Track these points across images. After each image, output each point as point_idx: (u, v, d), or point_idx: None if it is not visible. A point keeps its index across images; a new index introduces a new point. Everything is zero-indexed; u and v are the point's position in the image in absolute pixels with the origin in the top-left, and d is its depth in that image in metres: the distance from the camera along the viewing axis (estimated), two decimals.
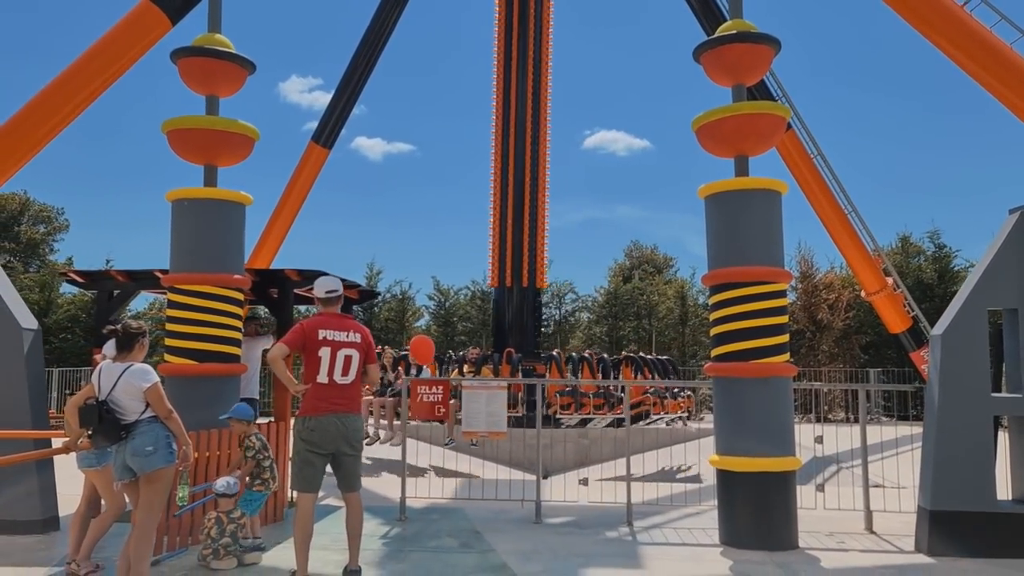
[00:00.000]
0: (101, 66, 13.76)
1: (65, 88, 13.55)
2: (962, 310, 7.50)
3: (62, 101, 13.49)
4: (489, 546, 7.69)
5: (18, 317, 8.43)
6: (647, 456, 13.94)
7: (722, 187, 8.09)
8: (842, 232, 22.20)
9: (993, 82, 11.41)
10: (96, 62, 13.77)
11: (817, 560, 7.22)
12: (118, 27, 14.05)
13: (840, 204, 22.21)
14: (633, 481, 9.20)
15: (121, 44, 13.90)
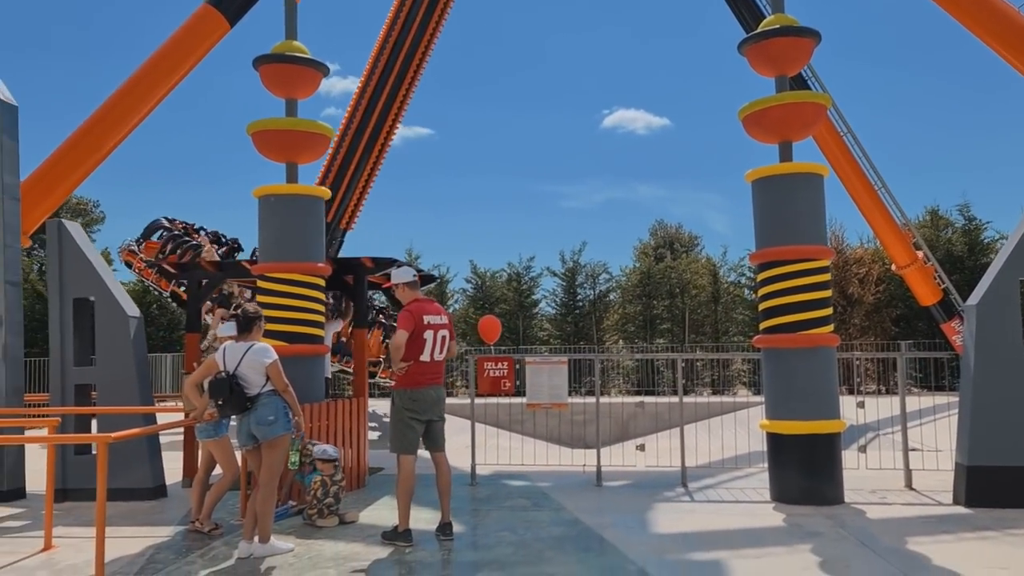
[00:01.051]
0: (165, 72, 14.53)
1: (132, 95, 14.31)
2: (995, 281, 8.10)
3: (130, 108, 14.28)
4: (559, 505, 8.45)
5: (124, 306, 9.27)
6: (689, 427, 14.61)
7: (769, 172, 8.71)
8: (872, 207, 22.61)
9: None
10: (160, 68, 14.53)
11: (863, 512, 7.90)
12: (179, 33, 14.80)
13: (870, 180, 22.60)
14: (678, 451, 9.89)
15: (183, 49, 14.67)
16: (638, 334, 28.90)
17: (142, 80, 14.43)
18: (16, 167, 9.62)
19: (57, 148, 13.94)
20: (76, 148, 13.93)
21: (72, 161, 14.01)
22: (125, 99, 14.25)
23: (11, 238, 9.41)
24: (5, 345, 9.15)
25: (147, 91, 14.32)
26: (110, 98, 14.27)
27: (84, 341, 9.43)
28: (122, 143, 14.61)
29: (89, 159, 14.11)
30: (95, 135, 14.07)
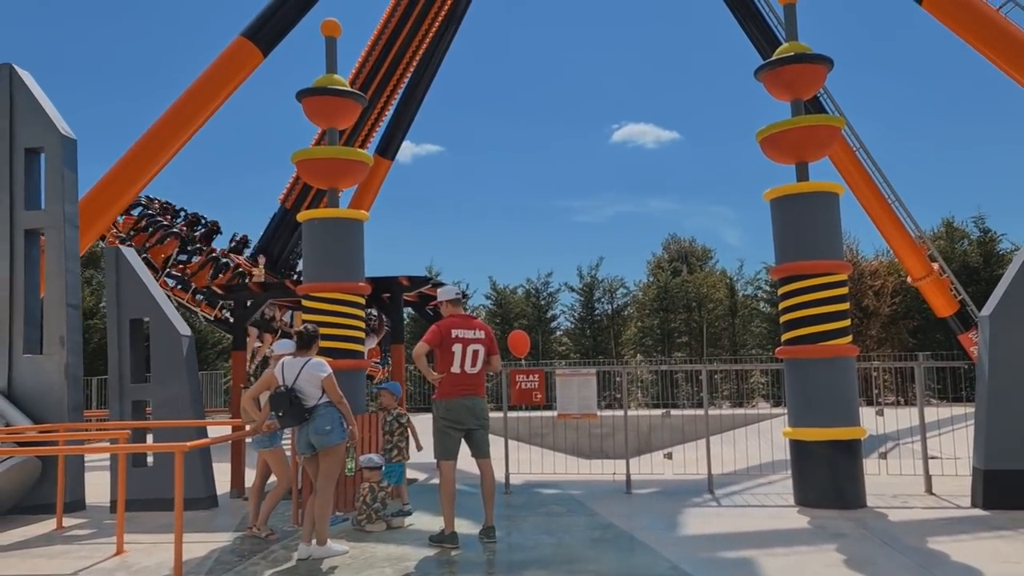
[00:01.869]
0: (203, 102, 15.24)
1: (172, 125, 15.02)
2: (1008, 292, 8.52)
3: (170, 138, 14.98)
4: (592, 511, 8.87)
5: (177, 326, 9.82)
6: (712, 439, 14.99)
7: (787, 191, 9.17)
8: (886, 221, 23.01)
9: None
10: (198, 99, 15.23)
11: (885, 515, 8.28)
12: (215, 65, 15.51)
13: (883, 194, 23.02)
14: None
15: (219, 80, 15.38)
16: (656, 348, 29.30)
17: (181, 110, 15.13)
18: (76, 197, 10.23)
19: (102, 177, 14.64)
20: (120, 177, 14.62)
21: (117, 189, 14.69)
22: (165, 129, 14.95)
23: (72, 263, 9.99)
24: (67, 365, 9.71)
25: (186, 121, 15.03)
26: (151, 128, 14.96)
27: (139, 359, 9.96)
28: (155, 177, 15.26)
29: (133, 187, 14.79)
30: (138, 164, 14.77)
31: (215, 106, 15.40)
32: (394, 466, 8.59)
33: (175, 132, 15.03)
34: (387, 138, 23.86)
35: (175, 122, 15.09)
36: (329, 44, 10.23)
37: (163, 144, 15.05)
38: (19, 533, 8.42)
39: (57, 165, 10.08)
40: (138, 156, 14.72)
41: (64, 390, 9.67)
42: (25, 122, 10.21)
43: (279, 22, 15.96)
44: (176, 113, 15.12)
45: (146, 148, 14.77)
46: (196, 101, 15.20)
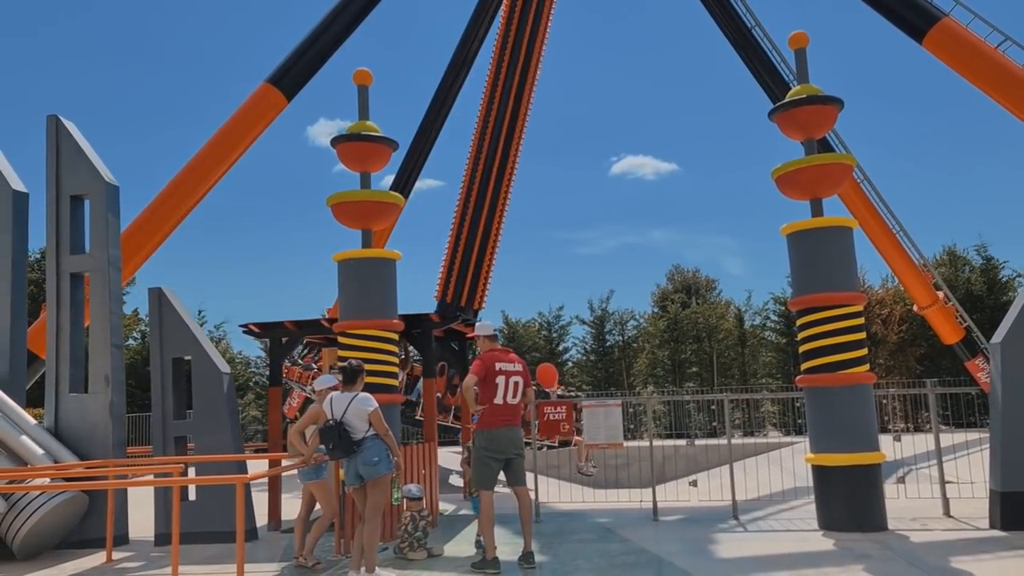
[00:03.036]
0: (229, 148, 15.73)
1: (197, 173, 15.48)
2: (1017, 319, 8.89)
3: (196, 184, 15.45)
4: (623, 537, 9.17)
5: (217, 363, 10.20)
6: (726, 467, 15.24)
7: (803, 226, 9.59)
8: (891, 250, 23.44)
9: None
10: (224, 145, 15.73)
11: (907, 537, 8.58)
12: (241, 111, 16.04)
13: (888, 224, 23.46)
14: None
15: (245, 126, 15.90)
16: (667, 378, 29.60)
17: (207, 157, 15.64)
18: (118, 242, 10.66)
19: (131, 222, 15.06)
20: (146, 225, 15.04)
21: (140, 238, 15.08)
22: (193, 174, 15.44)
23: (116, 305, 10.40)
24: (112, 403, 10.07)
25: (214, 165, 15.52)
26: (179, 174, 15.47)
27: (181, 396, 10.33)
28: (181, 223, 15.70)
29: (156, 235, 15.20)
30: (163, 212, 15.22)
31: (240, 151, 15.91)
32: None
33: (201, 178, 15.49)
34: (401, 177, 24.38)
35: (201, 168, 15.55)
36: (361, 92, 10.74)
37: (189, 191, 15.49)
38: (71, 566, 8.73)
39: (101, 211, 10.53)
40: (165, 203, 15.17)
41: (109, 427, 10.02)
42: (70, 170, 10.69)
43: (303, 68, 16.53)
44: (202, 160, 15.59)
45: (172, 195, 15.21)
46: (222, 147, 15.70)
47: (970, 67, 13.89)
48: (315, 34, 16.95)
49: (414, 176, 24.83)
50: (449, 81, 23.72)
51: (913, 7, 14.69)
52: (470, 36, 23.58)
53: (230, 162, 15.50)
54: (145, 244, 14.82)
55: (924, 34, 14.56)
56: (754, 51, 21.57)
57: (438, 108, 23.83)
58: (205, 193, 15.31)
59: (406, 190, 24.61)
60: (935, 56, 14.34)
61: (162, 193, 15.18)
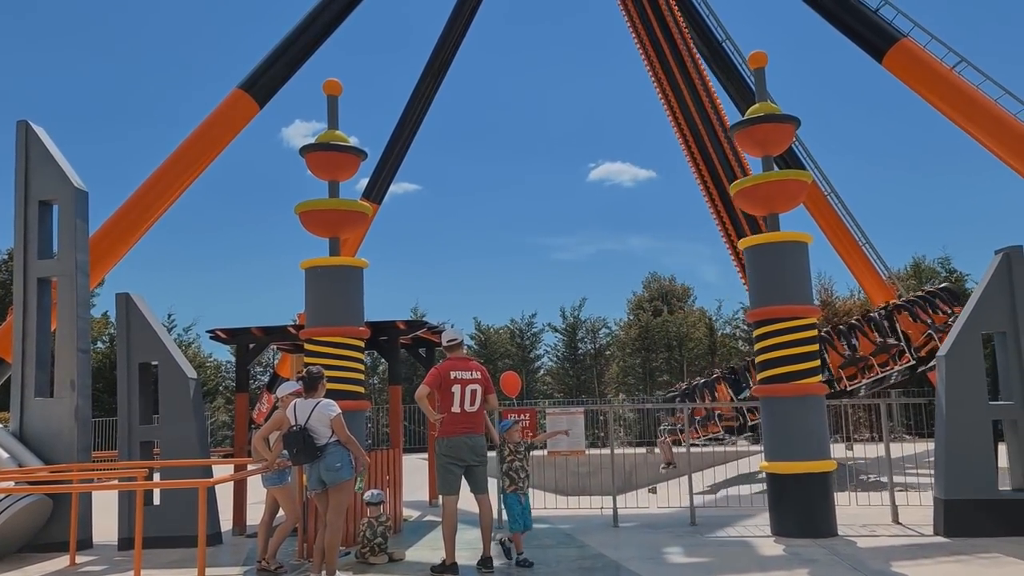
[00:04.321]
0: (200, 154, 15.84)
1: (167, 178, 15.58)
2: (960, 334, 9.23)
3: (166, 190, 15.54)
4: (582, 543, 9.38)
5: (184, 369, 10.29)
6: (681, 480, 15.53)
7: (760, 240, 9.89)
8: (857, 262, 23.99)
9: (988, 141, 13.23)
10: (194, 151, 15.84)
11: (854, 543, 8.87)
12: (213, 116, 16.16)
13: (854, 236, 23.99)
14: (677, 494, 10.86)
15: (216, 132, 16.02)
16: (638, 386, 29.91)
17: (179, 161, 15.74)
18: (86, 247, 10.73)
19: (101, 226, 15.11)
20: (116, 229, 15.08)
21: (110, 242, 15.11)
22: (163, 179, 15.54)
23: (83, 310, 10.47)
24: (77, 407, 10.13)
25: (185, 170, 15.63)
26: (149, 178, 15.53)
27: (147, 402, 10.41)
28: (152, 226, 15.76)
29: (128, 240, 15.25)
30: (136, 213, 15.29)
31: (212, 157, 16.00)
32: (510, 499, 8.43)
33: (171, 184, 15.57)
34: (374, 182, 24.53)
35: (171, 173, 15.64)
36: (331, 102, 10.88)
37: (159, 197, 15.56)
38: (35, 569, 8.79)
39: (70, 216, 10.60)
40: (134, 208, 15.22)
41: (74, 432, 10.08)
42: (39, 175, 10.75)
43: (276, 75, 16.67)
44: (172, 165, 15.68)
45: (142, 200, 15.27)
46: (193, 152, 15.80)
47: (926, 86, 14.33)
48: (288, 41, 17.10)
49: (388, 180, 25.00)
50: (424, 86, 23.93)
51: (873, 28, 15.13)
52: (445, 42, 23.81)
53: (201, 168, 15.59)
54: (114, 248, 14.86)
55: (884, 54, 15.00)
56: (724, 65, 22.02)
57: (413, 112, 24.04)
58: (175, 198, 15.39)
59: (380, 194, 24.79)
60: (894, 75, 14.77)
61: (132, 198, 15.23)
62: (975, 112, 13.77)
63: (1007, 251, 9.47)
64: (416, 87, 24.06)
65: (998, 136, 13.51)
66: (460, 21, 23.43)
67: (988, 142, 13.73)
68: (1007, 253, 9.42)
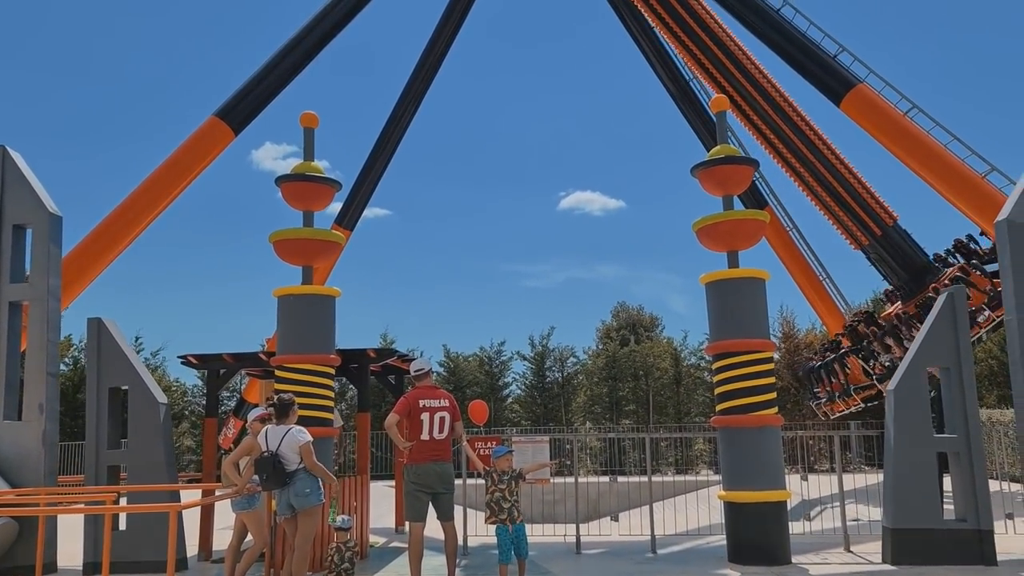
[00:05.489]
0: (174, 179, 15.98)
1: (140, 203, 15.69)
2: (908, 369, 9.67)
3: (140, 214, 15.64)
4: (546, 569, 9.61)
5: (155, 394, 10.39)
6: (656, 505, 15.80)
7: (719, 276, 10.28)
8: (816, 297, 24.65)
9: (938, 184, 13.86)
10: (168, 177, 15.97)
11: (806, 570, 9.20)
12: (188, 144, 16.32)
13: (814, 271, 24.67)
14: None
15: (191, 158, 16.18)
16: (605, 415, 30.20)
17: (153, 187, 15.86)
18: (59, 271, 10.83)
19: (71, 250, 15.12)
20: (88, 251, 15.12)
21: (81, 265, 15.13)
22: (136, 204, 15.65)
23: (53, 334, 10.54)
24: (45, 431, 10.17)
25: (158, 197, 15.76)
26: (122, 203, 15.63)
27: (116, 425, 10.48)
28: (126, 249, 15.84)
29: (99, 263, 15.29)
30: (107, 238, 15.35)
31: (185, 184, 16.14)
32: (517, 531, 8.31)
33: (144, 209, 15.65)
34: (347, 208, 24.68)
35: (144, 199, 15.73)
36: (307, 134, 11.15)
37: (131, 222, 15.62)
38: None
39: (44, 241, 10.70)
40: (106, 233, 15.27)
41: (42, 456, 10.11)
42: (14, 199, 10.85)
43: (252, 103, 16.91)
44: (146, 191, 15.78)
45: (114, 225, 15.32)
46: (167, 179, 15.92)
47: (881, 129, 14.97)
48: (265, 70, 17.36)
49: (361, 207, 25.16)
50: (400, 112, 24.16)
51: (831, 73, 15.79)
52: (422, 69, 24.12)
53: (174, 194, 15.73)
54: (84, 273, 14.89)
55: (841, 97, 15.63)
56: (690, 102, 22.68)
57: (388, 139, 24.24)
58: (147, 224, 15.50)
59: (352, 220, 24.94)
60: (850, 118, 15.40)
61: (104, 223, 15.30)
62: (925, 156, 14.41)
63: (952, 291, 9.97)
64: (391, 114, 24.31)
65: (946, 179, 14.14)
66: (437, 49, 23.78)
67: (937, 185, 14.36)
68: (951, 293, 9.91)
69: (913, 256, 19.56)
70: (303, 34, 17.65)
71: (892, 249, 19.63)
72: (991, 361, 29.09)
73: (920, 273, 19.38)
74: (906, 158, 14.63)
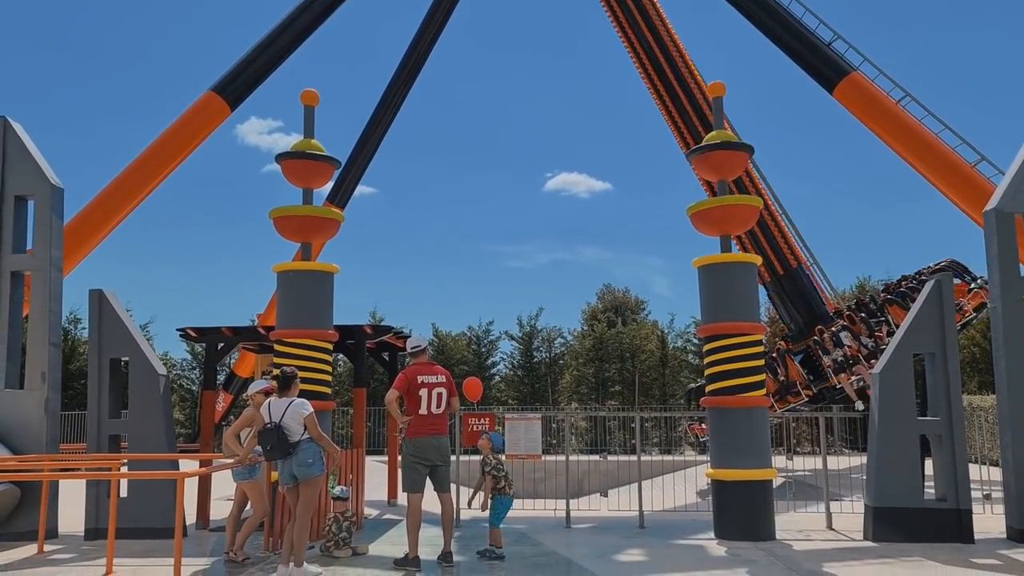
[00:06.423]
0: (170, 153, 15.98)
1: (136, 178, 15.69)
2: (894, 354, 9.95)
3: (137, 187, 15.65)
4: (537, 542, 9.88)
5: (155, 365, 10.54)
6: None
7: (711, 260, 10.51)
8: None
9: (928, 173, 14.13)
10: (166, 150, 15.97)
11: (790, 546, 9.51)
12: (184, 117, 16.32)
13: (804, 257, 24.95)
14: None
15: (187, 133, 16.18)
16: (591, 396, 30.55)
17: (149, 161, 15.86)
18: (60, 242, 10.92)
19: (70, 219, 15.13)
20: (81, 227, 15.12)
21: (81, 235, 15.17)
22: (132, 178, 15.66)
23: (55, 305, 10.66)
24: (47, 400, 10.32)
25: (154, 170, 15.78)
26: (118, 177, 15.64)
27: (116, 397, 10.63)
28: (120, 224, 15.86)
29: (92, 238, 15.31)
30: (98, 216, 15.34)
31: (181, 158, 16.16)
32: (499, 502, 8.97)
33: (140, 184, 15.65)
34: (338, 187, 24.71)
35: (140, 173, 15.73)
36: (307, 112, 11.25)
37: (127, 196, 15.62)
38: (3, 557, 8.98)
39: (45, 212, 10.79)
40: (101, 207, 15.28)
41: (44, 424, 10.26)
42: (16, 171, 10.91)
43: (248, 78, 16.91)
44: (142, 165, 15.77)
45: (110, 199, 15.33)
46: (163, 153, 15.93)
47: (873, 118, 15.18)
48: (262, 45, 17.36)
49: (352, 186, 25.21)
50: (393, 93, 24.16)
51: (825, 60, 15.97)
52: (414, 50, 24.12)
53: (170, 168, 15.75)
54: (81, 246, 14.93)
55: (835, 85, 15.82)
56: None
57: (380, 119, 24.26)
58: (143, 198, 15.53)
59: (344, 199, 24.99)
60: (843, 106, 15.61)
61: (99, 196, 15.32)
62: (916, 145, 14.63)
63: (939, 278, 10.25)
64: (384, 94, 24.30)
65: (936, 168, 14.38)
66: (430, 31, 23.78)
67: (927, 173, 14.60)
68: (939, 280, 10.18)
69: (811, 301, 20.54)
70: (301, 9, 17.63)
71: (791, 290, 20.76)
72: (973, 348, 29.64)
73: (815, 320, 20.24)
74: (897, 146, 14.86)
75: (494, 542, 8.86)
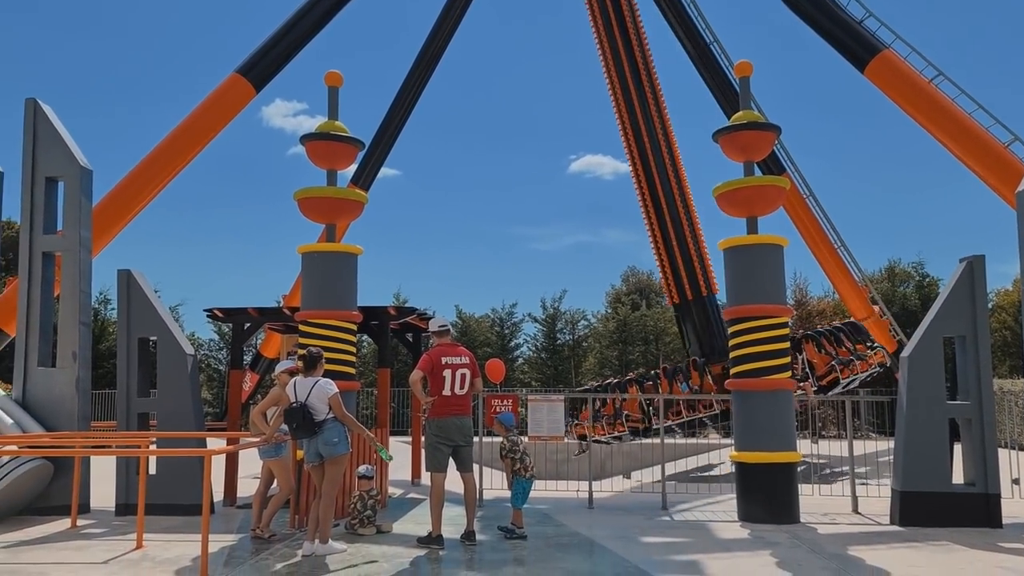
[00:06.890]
0: (196, 136, 16.02)
1: (165, 157, 15.75)
2: (923, 337, 9.82)
3: (163, 169, 15.73)
4: (559, 523, 9.91)
5: (183, 345, 10.67)
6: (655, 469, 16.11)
7: (738, 242, 10.41)
8: (832, 264, 24.59)
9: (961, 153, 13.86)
10: (190, 133, 16.01)
11: (815, 529, 9.46)
12: (209, 100, 16.34)
13: (830, 239, 24.62)
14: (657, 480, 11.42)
15: (214, 114, 16.21)
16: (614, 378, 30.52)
17: (175, 143, 15.90)
18: (90, 223, 11.07)
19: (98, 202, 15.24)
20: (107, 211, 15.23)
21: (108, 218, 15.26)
22: (158, 160, 15.71)
23: (85, 284, 10.82)
24: (78, 378, 10.49)
25: (180, 153, 15.81)
26: (144, 160, 15.70)
27: (145, 375, 10.79)
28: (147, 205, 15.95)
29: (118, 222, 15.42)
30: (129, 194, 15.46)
31: (206, 140, 16.21)
32: (520, 484, 9.01)
33: (166, 166, 15.69)
34: (362, 169, 24.75)
35: (166, 155, 15.76)
36: (332, 93, 11.26)
37: (153, 178, 15.67)
38: (37, 531, 9.18)
39: (75, 194, 10.92)
40: (128, 189, 15.36)
41: (75, 401, 10.45)
42: (46, 153, 11.05)
43: (273, 60, 16.92)
44: (168, 147, 15.80)
45: (136, 181, 15.39)
46: (189, 135, 15.96)
47: (905, 97, 14.89)
48: (287, 27, 17.32)
49: (376, 168, 25.24)
50: (416, 76, 24.12)
51: (856, 38, 15.66)
52: (438, 33, 24.03)
53: (196, 150, 15.81)
54: (109, 227, 15.07)
55: (866, 64, 15.51)
56: (711, 67, 22.48)
57: (403, 102, 24.23)
58: (169, 180, 15.60)
59: (367, 181, 25.03)
60: (875, 85, 15.32)
61: (127, 178, 15.42)
62: (949, 125, 14.33)
63: (971, 260, 10.07)
64: (407, 77, 24.24)
65: (969, 148, 14.09)
66: (454, 12, 23.68)
67: (960, 153, 14.31)
68: (970, 262, 10.01)
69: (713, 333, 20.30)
70: None
71: (698, 317, 20.68)
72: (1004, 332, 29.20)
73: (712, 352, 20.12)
74: (930, 126, 14.57)
75: (516, 523, 8.90)
